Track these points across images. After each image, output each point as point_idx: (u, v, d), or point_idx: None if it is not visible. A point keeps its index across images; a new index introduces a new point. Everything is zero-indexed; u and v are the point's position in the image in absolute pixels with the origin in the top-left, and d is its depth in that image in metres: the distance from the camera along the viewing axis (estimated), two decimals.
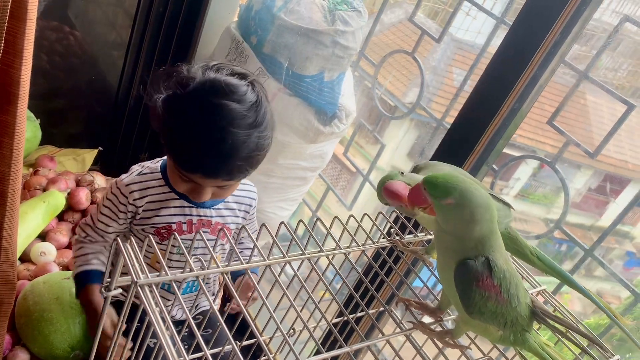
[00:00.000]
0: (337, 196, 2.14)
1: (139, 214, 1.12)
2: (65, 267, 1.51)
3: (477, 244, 0.66)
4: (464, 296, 0.67)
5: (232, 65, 1.02)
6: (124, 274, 0.64)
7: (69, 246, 1.58)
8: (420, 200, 0.67)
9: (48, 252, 1.49)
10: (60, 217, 1.64)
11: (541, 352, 0.71)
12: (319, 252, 0.77)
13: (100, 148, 1.98)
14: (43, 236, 1.56)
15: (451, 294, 0.70)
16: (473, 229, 0.65)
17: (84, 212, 1.68)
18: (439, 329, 0.75)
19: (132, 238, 0.63)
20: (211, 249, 0.70)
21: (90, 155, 1.94)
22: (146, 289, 0.59)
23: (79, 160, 1.90)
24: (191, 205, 1.12)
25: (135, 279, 0.58)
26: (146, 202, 1.11)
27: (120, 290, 0.66)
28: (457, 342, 0.74)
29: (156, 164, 1.15)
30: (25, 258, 1.49)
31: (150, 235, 1.11)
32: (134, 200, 1.10)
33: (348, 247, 0.80)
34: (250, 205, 1.21)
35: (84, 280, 1.13)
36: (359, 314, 1.19)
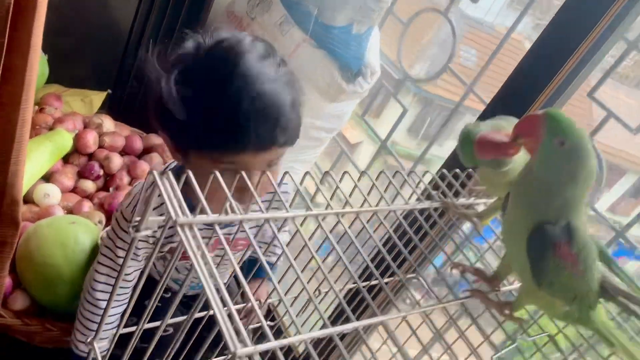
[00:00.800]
0: (354, 163, 2.06)
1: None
2: (70, 211, 1.43)
3: (563, 205, 0.58)
4: (536, 264, 0.59)
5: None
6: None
7: (73, 190, 1.50)
8: (532, 130, 0.58)
9: (52, 194, 1.41)
10: (65, 160, 1.56)
11: (608, 333, 0.64)
12: (358, 208, 0.69)
13: (109, 91, 1.88)
14: (47, 178, 1.47)
15: (518, 262, 0.62)
16: (568, 185, 0.57)
17: (90, 156, 1.59)
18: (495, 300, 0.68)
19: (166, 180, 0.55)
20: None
21: (98, 97, 1.84)
22: (186, 229, 0.51)
23: (86, 102, 1.81)
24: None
25: (175, 217, 0.50)
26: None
27: (149, 232, 0.59)
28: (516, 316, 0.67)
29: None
30: (28, 199, 1.40)
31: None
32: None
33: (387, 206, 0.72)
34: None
35: None
36: (373, 282, 1.13)
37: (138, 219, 0.57)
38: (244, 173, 0.62)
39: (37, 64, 0.91)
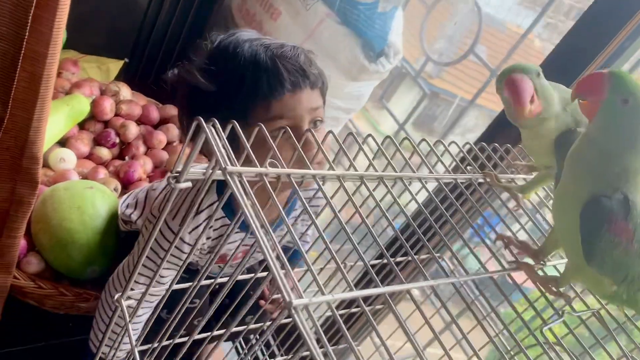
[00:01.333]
0: (365, 153, 2.02)
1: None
2: (85, 178, 1.40)
3: (620, 175, 0.55)
4: (588, 239, 0.56)
5: None
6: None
7: (89, 157, 1.48)
8: (594, 89, 0.55)
9: (68, 159, 1.39)
10: (81, 126, 1.53)
11: None
12: (413, 173, 0.67)
13: (126, 60, 1.86)
14: (62, 143, 1.45)
15: (568, 236, 0.59)
16: (628, 151, 0.54)
17: (106, 124, 1.56)
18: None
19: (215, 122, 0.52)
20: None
21: (115, 65, 1.81)
22: (235, 178, 0.48)
23: (103, 69, 1.78)
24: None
25: (224, 165, 0.48)
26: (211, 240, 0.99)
27: (189, 184, 0.56)
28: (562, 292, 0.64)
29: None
30: (43, 163, 1.38)
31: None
32: (201, 245, 0.98)
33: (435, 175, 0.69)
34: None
35: None
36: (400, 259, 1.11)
37: (180, 168, 0.55)
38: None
39: (65, 20, 0.88)
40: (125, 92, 1.64)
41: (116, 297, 0.66)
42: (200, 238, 0.90)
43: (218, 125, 0.52)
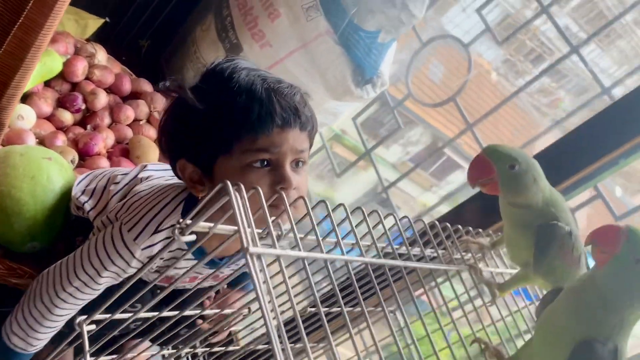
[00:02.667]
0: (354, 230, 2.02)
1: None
2: (42, 141, 1.32)
3: (616, 325, 0.57)
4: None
5: None
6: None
7: (49, 118, 1.39)
8: (609, 241, 0.59)
9: (27, 117, 1.30)
10: (47, 83, 1.43)
11: None
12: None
13: (107, 19, 1.75)
14: (24, 98, 1.35)
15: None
16: (630, 306, 0.58)
17: (74, 86, 1.47)
18: None
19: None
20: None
21: (94, 23, 1.71)
22: (254, 258, 0.46)
23: (80, 24, 1.67)
24: (204, 267, 0.97)
25: (246, 245, 0.45)
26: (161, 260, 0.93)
27: (193, 237, 0.53)
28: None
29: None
30: None
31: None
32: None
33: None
34: None
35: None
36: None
37: (189, 222, 0.52)
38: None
39: None
40: (102, 56, 1.55)
41: (78, 320, 0.62)
42: (152, 261, 0.86)
43: (244, 192, 0.49)
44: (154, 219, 0.88)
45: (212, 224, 0.53)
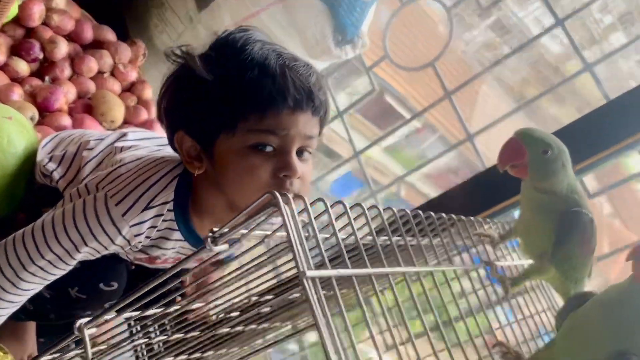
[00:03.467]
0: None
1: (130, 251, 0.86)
2: None
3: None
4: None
5: None
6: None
7: (2, 68, 1.25)
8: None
9: None
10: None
11: None
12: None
13: None
14: None
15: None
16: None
17: (29, 32, 1.32)
18: None
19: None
20: None
21: None
22: (310, 281, 0.40)
23: None
24: (190, 248, 0.89)
25: (302, 268, 0.40)
26: (141, 241, 0.83)
27: (226, 247, 0.47)
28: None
29: (169, 182, 0.82)
30: None
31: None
32: (131, 237, 0.81)
33: None
34: None
35: None
36: None
37: (226, 230, 0.46)
38: None
39: None
40: (61, 0, 1.39)
41: (79, 324, 0.55)
42: (139, 237, 0.79)
43: (293, 205, 0.42)
44: (144, 194, 0.80)
45: (245, 231, 0.46)
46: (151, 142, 0.95)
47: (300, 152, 0.78)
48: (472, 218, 0.86)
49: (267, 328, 0.98)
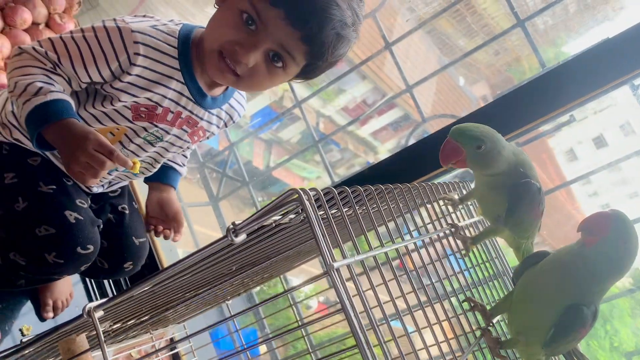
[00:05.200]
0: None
1: (126, 78, 0.83)
2: None
3: (597, 292, 0.69)
4: (560, 335, 0.70)
5: None
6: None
7: None
8: (599, 227, 0.67)
9: None
10: None
11: None
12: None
13: None
14: None
15: (532, 320, 0.72)
16: (612, 276, 0.68)
17: None
18: None
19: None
20: None
21: None
22: (336, 272, 0.45)
23: None
24: (190, 97, 0.89)
25: (330, 261, 0.45)
26: (145, 68, 0.83)
27: (244, 237, 0.51)
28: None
29: (175, 25, 0.86)
30: None
31: (125, 109, 0.86)
32: (134, 55, 0.81)
33: None
34: (235, 119, 1.03)
35: (60, 110, 0.78)
36: None
37: (238, 222, 0.49)
38: None
39: None
40: None
41: (88, 307, 0.57)
42: (137, 48, 0.79)
43: (311, 196, 0.46)
44: (150, 18, 0.87)
45: (259, 219, 0.50)
46: None
47: (275, 59, 0.80)
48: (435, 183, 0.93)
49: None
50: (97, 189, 1.02)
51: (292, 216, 0.54)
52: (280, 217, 0.53)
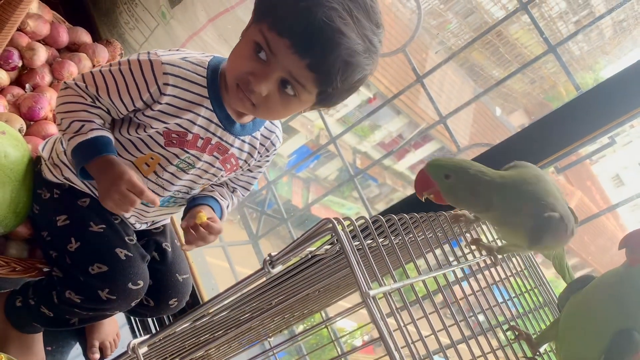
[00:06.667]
0: None
1: (157, 107, 0.89)
2: None
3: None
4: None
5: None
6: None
7: None
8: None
9: None
10: None
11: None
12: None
13: None
14: None
15: (583, 346, 0.69)
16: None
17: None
18: None
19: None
20: None
21: None
22: (372, 300, 0.45)
23: None
24: (219, 124, 0.93)
25: (365, 289, 0.45)
26: (175, 96, 0.88)
27: (281, 268, 0.51)
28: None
29: (205, 57, 0.92)
30: None
31: (157, 134, 0.90)
32: (164, 86, 0.87)
33: None
34: (273, 148, 1.04)
35: (100, 147, 0.89)
36: None
37: (274, 254, 0.50)
38: None
39: None
40: (33, 3, 1.37)
41: (132, 343, 0.59)
42: (166, 78, 0.85)
43: (344, 225, 0.47)
44: (181, 51, 0.92)
45: (294, 250, 0.51)
46: None
47: (287, 87, 0.82)
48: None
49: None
50: (140, 226, 1.06)
51: (327, 247, 0.55)
52: (315, 248, 0.54)
